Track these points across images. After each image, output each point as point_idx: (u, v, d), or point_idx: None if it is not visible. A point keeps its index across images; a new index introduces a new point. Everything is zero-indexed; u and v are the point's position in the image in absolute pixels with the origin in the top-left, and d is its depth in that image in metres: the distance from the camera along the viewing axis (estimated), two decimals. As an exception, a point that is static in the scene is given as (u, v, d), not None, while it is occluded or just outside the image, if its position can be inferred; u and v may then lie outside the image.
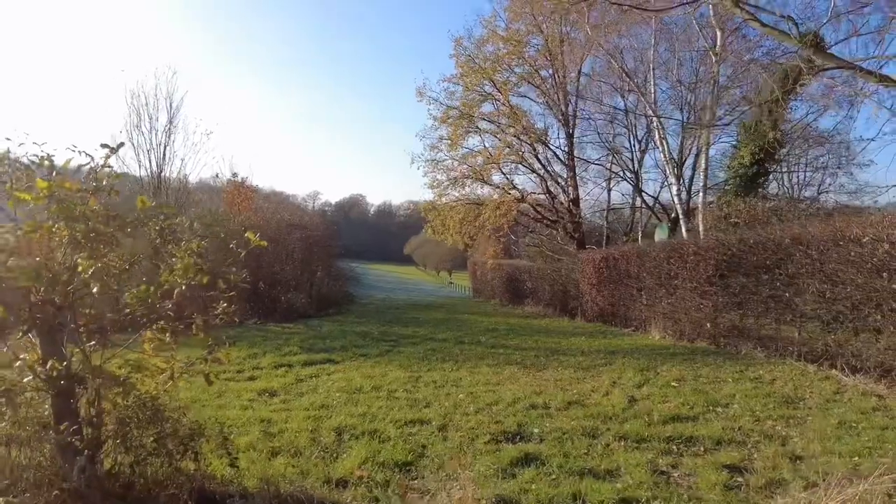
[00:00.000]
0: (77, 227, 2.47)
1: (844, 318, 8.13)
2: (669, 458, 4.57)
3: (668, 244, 13.23)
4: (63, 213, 2.46)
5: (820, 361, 8.38)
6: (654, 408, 6.28)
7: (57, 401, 2.96)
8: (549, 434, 5.27)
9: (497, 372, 8.55)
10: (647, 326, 13.57)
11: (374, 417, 5.76)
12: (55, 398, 2.95)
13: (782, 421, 5.80)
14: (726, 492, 3.78)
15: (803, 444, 4.94)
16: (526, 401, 6.55)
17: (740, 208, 14.65)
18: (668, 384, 7.61)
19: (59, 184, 2.52)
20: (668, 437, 5.12)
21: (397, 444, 4.82)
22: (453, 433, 5.30)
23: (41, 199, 2.48)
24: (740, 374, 8.18)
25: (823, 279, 8.37)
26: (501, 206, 21.65)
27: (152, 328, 2.99)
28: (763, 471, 4.18)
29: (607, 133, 24.43)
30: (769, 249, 9.58)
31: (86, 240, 2.52)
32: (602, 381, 7.85)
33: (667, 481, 4.04)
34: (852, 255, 7.83)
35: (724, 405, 6.47)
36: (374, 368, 8.73)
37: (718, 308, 11.03)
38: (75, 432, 2.91)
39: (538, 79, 22.67)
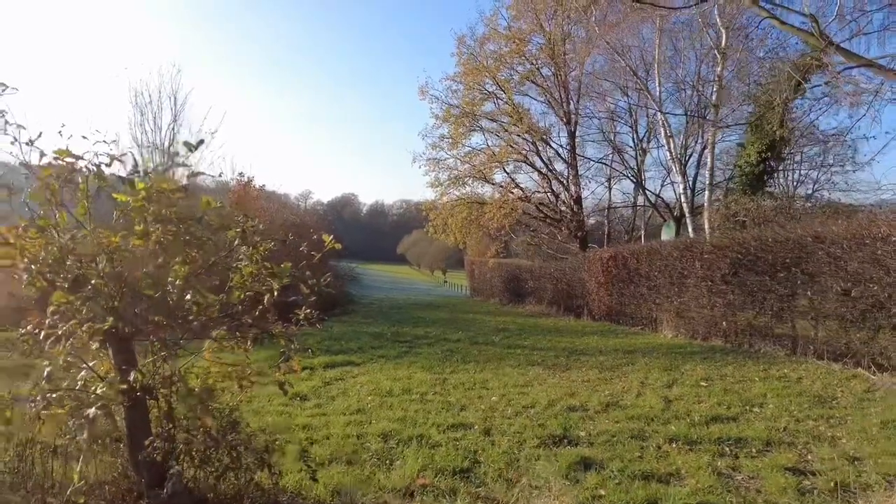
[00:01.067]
0: (172, 230, 2.36)
1: (869, 316, 8.14)
2: (726, 461, 4.52)
3: (681, 242, 13.24)
4: (158, 215, 2.35)
5: (844, 360, 8.40)
6: (691, 408, 6.24)
7: (131, 413, 2.84)
8: (596, 437, 5.20)
9: (522, 373, 8.48)
10: (658, 325, 13.58)
11: (415, 422, 5.66)
12: (129, 410, 2.83)
13: (822, 421, 5.77)
14: (800, 496, 3.73)
15: (854, 445, 4.91)
16: (562, 403, 6.49)
17: (748, 206, 14.70)
18: (697, 384, 7.58)
19: (158, 185, 2.40)
20: (717, 439, 5.07)
21: (448, 451, 4.73)
22: (499, 437, 5.22)
23: (140, 200, 2.37)
24: (765, 373, 8.17)
25: (847, 277, 8.38)
26: (505, 205, 21.61)
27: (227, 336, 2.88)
28: (827, 473, 4.14)
29: (609, 131, 24.46)
30: (788, 248, 9.59)
31: (181, 244, 2.41)
32: (630, 381, 7.81)
33: (733, 485, 3.99)
34: (878, 253, 7.85)
35: (759, 405, 6.45)
36: (397, 370, 8.63)
37: (734, 306, 11.04)
38: (148, 446, 2.80)
39: (540, 77, 22.65)
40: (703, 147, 19.81)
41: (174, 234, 2.38)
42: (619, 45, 18.14)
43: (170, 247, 2.39)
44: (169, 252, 2.42)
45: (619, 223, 26.56)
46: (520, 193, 22.73)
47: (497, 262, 27.32)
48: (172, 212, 2.42)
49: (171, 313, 2.49)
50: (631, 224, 25.06)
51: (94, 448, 2.83)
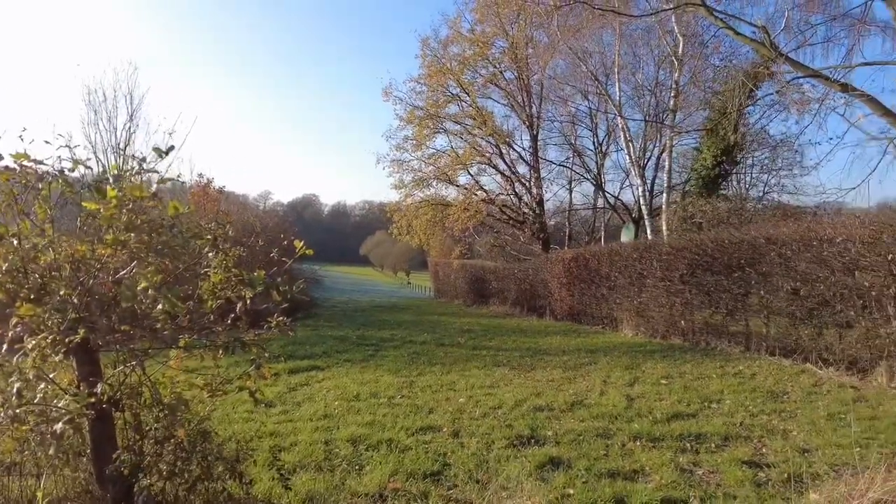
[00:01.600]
0: (145, 239, 2.29)
1: (817, 314, 8.55)
2: (688, 457, 4.68)
3: (641, 244, 13.59)
4: (129, 224, 2.28)
5: (794, 356, 8.79)
6: (653, 406, 6.43)
7: (96, 426, 2.76)
8: (563, 437, 5.30)
9: (488, 374, 8.56)
10: (619, 324, 13.90)
11: (383, 426, 5.66)
12: (94, 423, 2.75)
13: (775, 415, 6.04)
14: (757, 488, 3.90)
15: (804, 438, 5.16)
16: (528, 403, 6.58)
17: (704, 209, 15.22)
18: (658, 382, 7.81)
19: (131, 192, 2.33)
20: (679, 435, 5.25)
21: (418, 454, 4.74)
22: (468, 439, 5.27)
23: (111, 209, 2.30)
24: (722, 370, 8.48)
25: (796, 277, 8.78)
26: (469, 206, 21.74)
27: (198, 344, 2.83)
28: (780, 465, 4.33)
29: (570, 135, 24.92)
30: (742, 249, 9.98)
31: (154, 253, 2.34)
32: (593, 380, 7.98)
33: (695, 480, 4.13)
34: (825, 254, 8.25)
35: (717, 401, 6.69)
36: (363, 374, 8.58)
37: (691, 306, 11.41)
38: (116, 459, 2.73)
39: (503, 80, 22.89)
40: (661, 151, 20.42)
41: (147, 242, 2.32)
42: (581, 50, 18.50)
43: (142, 256, 2.33)
44: (141, 261, 2.35)
45: (579, 225, 27.07)
46: (484, 195, 22.92)
47: (461, 263, 27.46)
48: (144, 220, 2.36)
49: (141, 323, 2.43)
50: (591, 226, 25.58)
51: (56, 463, 2.73)
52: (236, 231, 3.43)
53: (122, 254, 2.35)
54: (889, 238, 7.40)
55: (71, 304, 2.20)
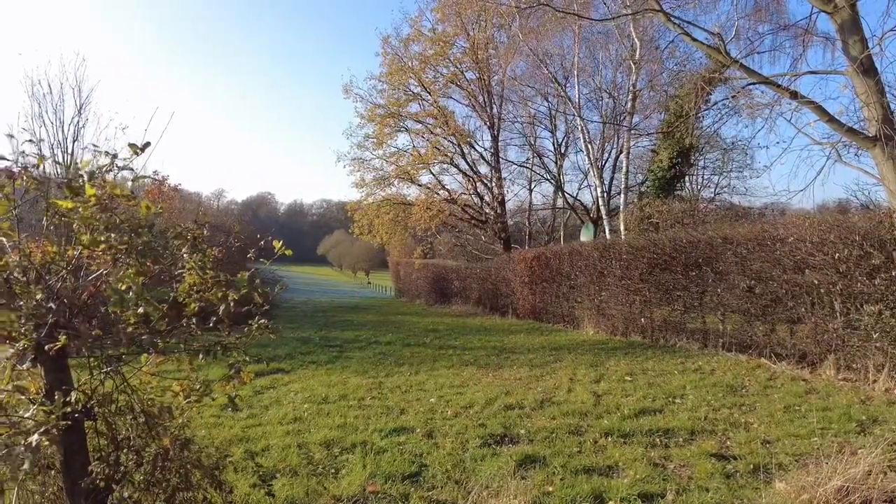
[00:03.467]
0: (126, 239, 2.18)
1: (770, 310, 8.93)
2: (659, 451, 4.80)
3: (601, 243, 13.87)
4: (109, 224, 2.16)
5: (749, 351, 9.16)
6: (620, 402, 6.57)
7: (67, 437, 2.61)
8: (535, 434, 5.36)
9: (456, 374, 8.57)
10: (580, 323, 14.17)
11: (356, 428, 5.59)
12: (65, 434, 2.60)
13: (736, 408, 6.26)
14: (727, 480, 4.03)
15: (765, 430, 5.37)
16: (499, 402, 6.62)
17: (661, 209, 15.67)
18: (623, 379, 7.99)
19: (111, 190, 2.21)
20: (648, 431, 5.38)
21: (394, 455, 4.70)
22: (442, 439, 5.26)
23: (89, 208, 2.17)
24: (682, 366, 8.75)
25: (751, 275, 9.15)
26: (432, 206, 21.72)
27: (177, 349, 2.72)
28: (746, 457, 4.51)
29: (530, 136, 25.23)
30: (700, 249, 10.32)
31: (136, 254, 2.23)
32: (560, 378, 8.10)
33: (667, 474, 4.24)
34: (777, 253, 8.62)
35: (680, 396, 6.90)
36: (330, 376, 8.46)
37: (651, 304, 11.73)
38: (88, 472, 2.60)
39: (464, 80, 22.96)
40: (618, 152, 20.92)
41: (127, 243, 2.21)
42: (542, 52, 18.75)
43: (122, 257, 2.21)
44: (121, 263, 2.24)
45: (539, 224, 27.44)
46: (446, 195, 22.94)
47: (423, 262, 27.44)
48: (123, 219, 2.25)
49: (115, 327, 2.31)
50: (550, 225, 25.98)
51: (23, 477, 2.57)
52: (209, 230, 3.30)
53: (103, 255, 2.23)
54: (836, 238, 7.79)
55: (47, 310, 2.07)
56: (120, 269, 2.24)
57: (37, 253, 2.30)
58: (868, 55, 8.60)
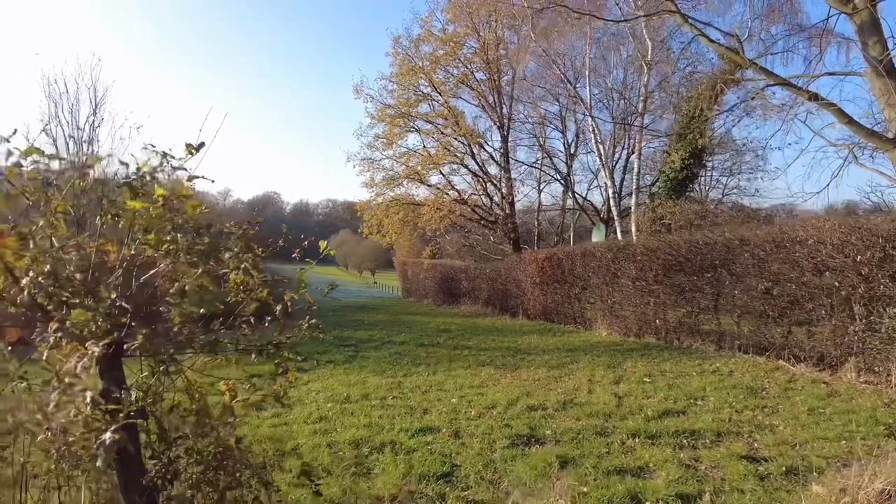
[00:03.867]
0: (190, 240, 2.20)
1: (788, 312, 8.90)
2: (687, 453, 4.81)
3: (614, 244, 13.86)
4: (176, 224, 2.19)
5: (767, 353, 9.14)
6: (642, 404, 6.58)
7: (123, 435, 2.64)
8: (562, 435, 5.37)
9: (474, 374, 8.59)
10: (593, 324, 14.15)
11: (382, 428, 5.62)
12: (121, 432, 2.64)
13: (758, 410, 6.26)
14: (761, 482, 4.04)
15: (791, 432, 5.37)
16: (521, 403, 6.64)
17: (673, 210, 15.64)
18: (641, 380, 7.98)
19: (179, 191, 2.24)
20: (674, 432, 5.38)
21: (424, 456, 4.73)
22: (469, 439, 5.28)
23: (159, 208, 2.20)
24: (700, 368, 8.74)
25: (769, 277, 9.13)
26: (442, 206, 21.73)
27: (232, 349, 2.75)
28: (776, 459, 4.50)
29: (540, 136, 25.21)
30: (717, 250, 10.30)
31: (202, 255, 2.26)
32: (579, 379, 8.10)
33: (700, 475, 4.25)
34: (796, 255, 8.60)
35: (701, 398, 6.89)
36: (348, 376, 8.49)
37: (665, 305, 11.71)
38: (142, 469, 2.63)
39: (474, 81, 22.97)
40: (629, 153, 20.89)
41: (191, 243, 2.24)
42: (553, 52, 18.75)
43: (186, 257, 2.24)
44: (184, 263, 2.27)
45: (547, 225, 27.40)
46: (455, 195, 22.95)
47: (432, 262, 27.45)
48: (186, 219, 2.28)
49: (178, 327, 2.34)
50: (560, 226, 25.95)
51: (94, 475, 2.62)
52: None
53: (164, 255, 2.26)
54: (857, 240, 7.77)
55: (121, 309, 2.10)
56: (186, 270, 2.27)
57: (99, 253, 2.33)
58: (889, 57, 8.57)
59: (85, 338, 2.08)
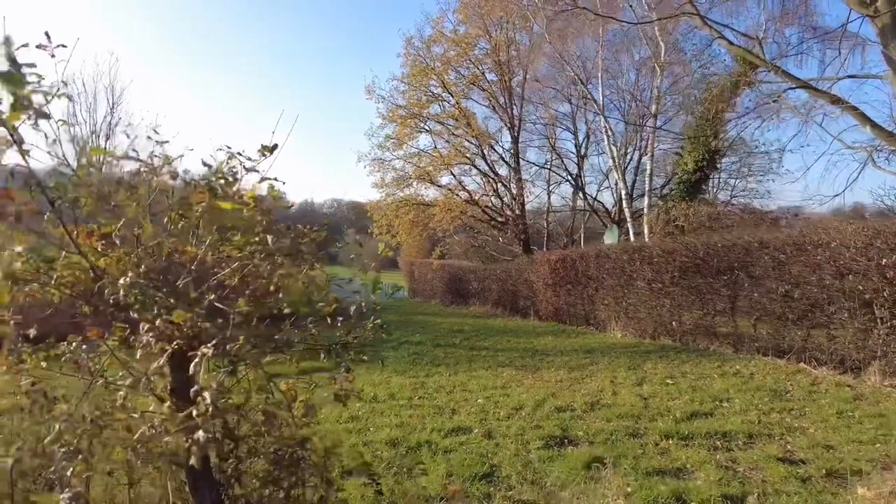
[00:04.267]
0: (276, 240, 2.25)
1: (808, 315, 8.90)
2: (722, 454, 4.83)
3: (630, 246, 13.88)
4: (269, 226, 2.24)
5: (787, 356, 9.14)
6: (668, 405, 6.60)
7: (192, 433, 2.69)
8: (594, 436, 5.40)
9: (496, 375, 8.62)
10: (607, 325, 14.15)
11: (414, 428, 5.66)
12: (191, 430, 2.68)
13: (786, 413, 6.27)
14: (803, 484, 4.06)
15: (823, 434, 5.38)
16: (548, 404, 6.67)
17: (687, 212, 15.64)
18: (664, 382, 8.00)
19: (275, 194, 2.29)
20: (706, 433, 5.40)
21: (462, 456, 4.77)
22: (502, 440, 5.31)
23: (252, 209, 2.24)
24: (721, 370, 8.74)
25: (788, 280, 9.13)
26: (454, 207, 21.78)
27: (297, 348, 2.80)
28: (814, 461, 4.53)
29: (551, 137, 25.23)
30: (735, 252, 10.31)
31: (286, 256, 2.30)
32: (601, 380, 8.12)
33: (740, 476, 4.27)
34: (818, 258, 8.61)
35: (726, 400, 6.91)
36: (370, 375, 8.54)
37: (682, 307, 11.71)
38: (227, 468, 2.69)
39: (485, 81, 23.02)
40: (640, 154, 20.92)
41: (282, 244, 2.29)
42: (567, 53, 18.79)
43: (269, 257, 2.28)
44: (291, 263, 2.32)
45: (556, 226, 27.41)
46: (466, 196, 23.00)
47: (441, 263, 27.47)
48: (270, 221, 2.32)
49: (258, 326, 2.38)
50: (570, 227, 25.97)
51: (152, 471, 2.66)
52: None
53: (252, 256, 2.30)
54: (882, 244, 7.77)
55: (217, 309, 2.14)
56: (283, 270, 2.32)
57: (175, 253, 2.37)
58: (912, 60, 8.59)
59: (173, 337, 2.12)
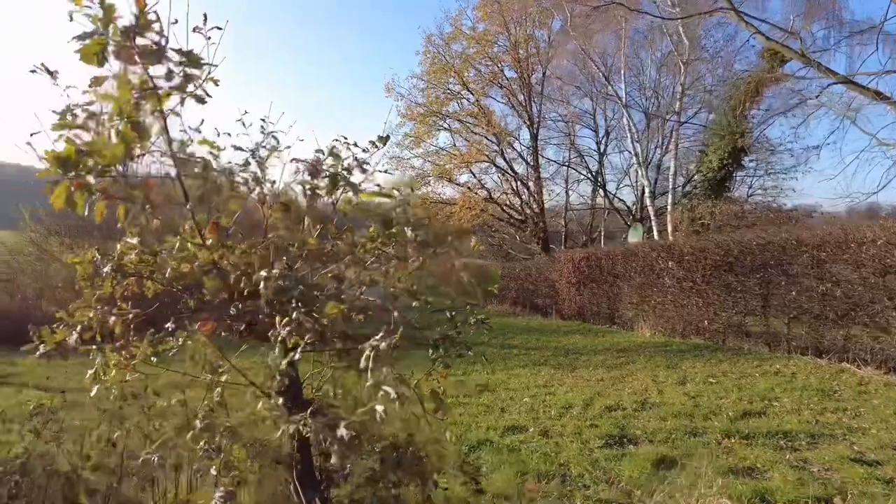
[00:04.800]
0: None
1: (852, 314, 8.78)
2: (789, 454, 4.76)
3: (659, 244, 13.78)
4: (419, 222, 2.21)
5: (827, 356, 9.02)
6: (718, 404, 6.53)
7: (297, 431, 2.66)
8: (653, 435, 5.34)
9: (534, 373, 8.58)
10: (634, 324, 14.05)
11: (468, 426, 5.62)
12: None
13: (840, 413, 6.17)
14: (887, 485, 3.99)
15: (888, 436, 5.28)
16: (597, 403, 6.61)
17: (713, 210, 15.51)
18: (706, 381, 7.92)
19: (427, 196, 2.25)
20: (766, 433, 5.32)
21: (527, 455, 4.73)
22: (560, 439, 5.27)
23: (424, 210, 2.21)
24: (760, 369, 8.65)
25: (828, 279, 9.01)
26: (474, 205, 21.74)
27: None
28: (889, 462, 4.45)
29: (571, 134, 25.12)
30: (771, 250, 10.19)
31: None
32: (643, 380, 8.05)
33: (816, 477, 4.20)
34: (861, 257, 8.49)
35: (774, 399, 6.82)
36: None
37: (713, 305, 11.60)
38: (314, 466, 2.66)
39: (504, 79, 22.95)
40: (662, 152, 20.77)
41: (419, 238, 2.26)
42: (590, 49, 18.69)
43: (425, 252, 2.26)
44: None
45: (576, 225, 27.27)
46: (485, 194, 22.94)
47: (458, 261, 27.37)
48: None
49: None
50: (589, 225, 25.85)
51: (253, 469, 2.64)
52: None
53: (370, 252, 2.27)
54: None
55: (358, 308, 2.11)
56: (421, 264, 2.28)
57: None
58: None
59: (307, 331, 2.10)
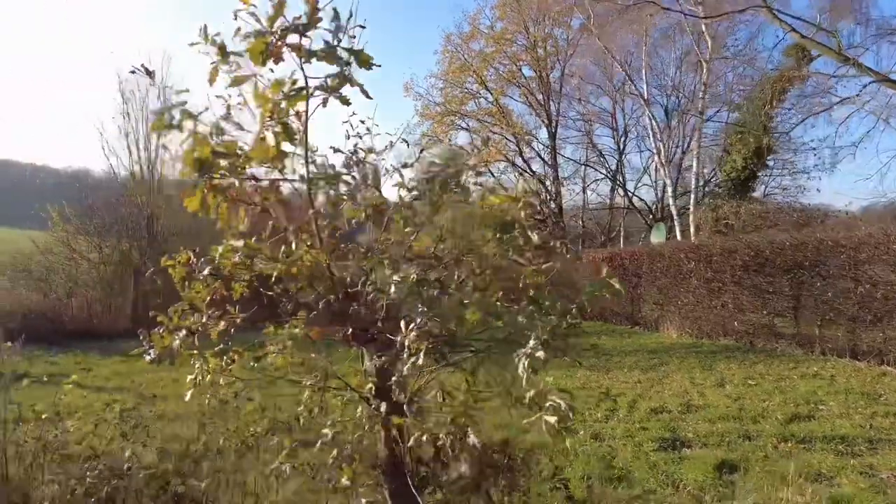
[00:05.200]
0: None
1: (893, 316, 8.65)
2: (851, 460, 4.68)
3: (686, 244, 13.69)
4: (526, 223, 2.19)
5: (866, 358, 8.89)
6: (763, 407, 6.46)
7: (389, 435, 2.66)
8: (706, 439, 5.29)
9: (569, 374, 8.53)
10: (660, 325, 13.94)
11: (508, 427, 5.57)
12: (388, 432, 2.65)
13: (891, 417, 6.07)
14: (965, 492, 3.92)
15: (948, 440, 5.21)
16: (641, 406, 6.57)
17: (738, 210, 15.37)
18: (745, 383, 7.85)
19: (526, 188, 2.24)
20: (822, 437, 5.25)
21: (584, 457, 4.70)
22: (612, 441, 5.24)
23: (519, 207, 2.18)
24: (797, 372, 8.55)
25: (866, 280, 8.89)
26: (493, 205, 21.66)
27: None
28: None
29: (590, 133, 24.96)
30: (802, 251, 10.07)
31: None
32: (681, 382, 7.99)
33: (888, 485, 4.13)
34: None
35: (819, 402, 6.73)
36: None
37: (743, 306, 11.49)
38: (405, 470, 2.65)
39: (522, 78, 22.87)
40: (683, 152, 20.61)
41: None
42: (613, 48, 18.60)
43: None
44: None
45: (594, 225, 27.08)
46: (504, 194, 22.88)
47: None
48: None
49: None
50: (608, 225, 25.69)
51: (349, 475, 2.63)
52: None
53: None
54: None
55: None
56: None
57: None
58: None
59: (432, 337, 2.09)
